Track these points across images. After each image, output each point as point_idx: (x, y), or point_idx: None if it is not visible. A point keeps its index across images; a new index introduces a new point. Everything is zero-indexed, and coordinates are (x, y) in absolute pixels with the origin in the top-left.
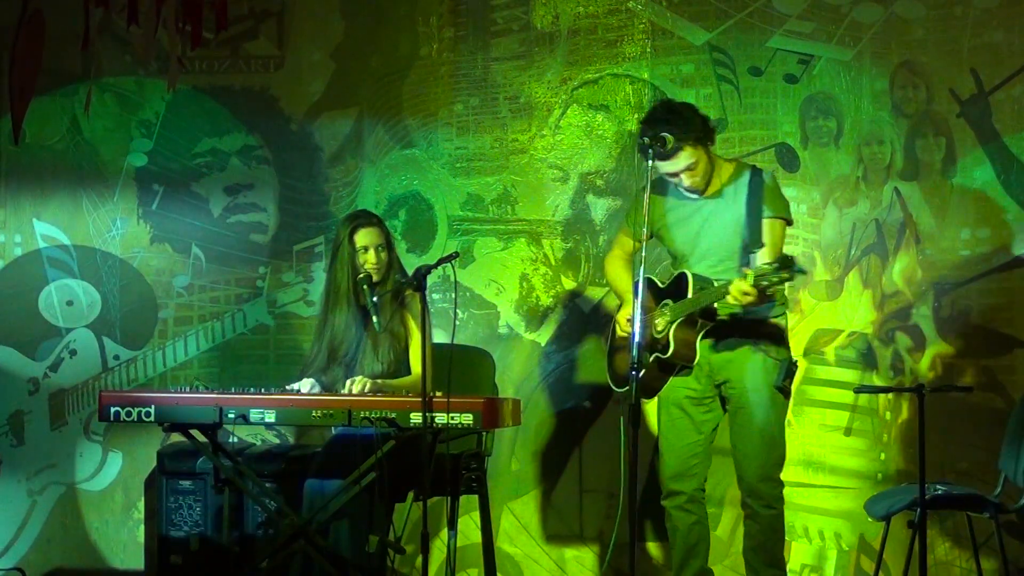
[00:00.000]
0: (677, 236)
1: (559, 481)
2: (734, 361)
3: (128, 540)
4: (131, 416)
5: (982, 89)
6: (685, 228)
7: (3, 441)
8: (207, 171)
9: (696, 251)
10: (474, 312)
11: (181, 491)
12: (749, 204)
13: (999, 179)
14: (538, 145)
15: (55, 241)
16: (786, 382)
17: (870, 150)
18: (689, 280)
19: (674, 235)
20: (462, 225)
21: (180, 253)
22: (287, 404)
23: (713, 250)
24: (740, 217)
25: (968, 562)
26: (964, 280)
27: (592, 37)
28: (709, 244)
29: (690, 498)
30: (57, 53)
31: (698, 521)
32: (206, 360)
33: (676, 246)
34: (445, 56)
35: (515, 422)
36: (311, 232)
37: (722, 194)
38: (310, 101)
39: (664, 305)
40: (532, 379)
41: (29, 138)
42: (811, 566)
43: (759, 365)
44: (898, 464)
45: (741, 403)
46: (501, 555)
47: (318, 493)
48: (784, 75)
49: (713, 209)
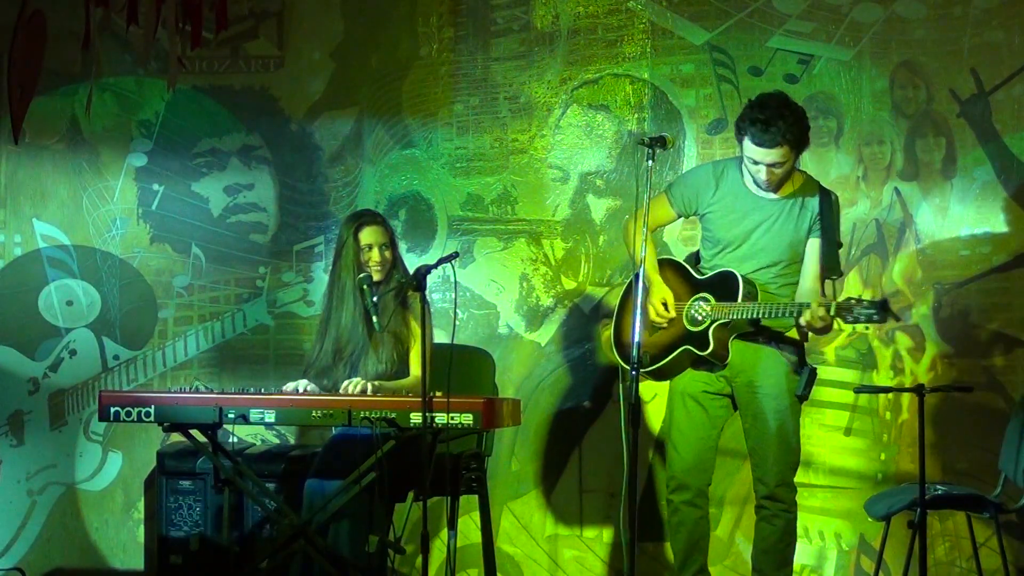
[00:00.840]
0: (727, 224)
1: (559, 481)
2: (757, 365)
3: (128, 540)
4: (131, 416)
5: (982, 89)
6: (740, 219)
7: (3, 441)
8: (207, 171)
9: (744, 246)
10: (474, 312)
11: (181, 491)
12: (824, 226)
13: (999, 179)
14: (538, 145)
15: (55, 241)
16: (807, 391)
17: (870, 150)
18: (739, 282)
19: (724, 222)
20: (462, 225)
21: (180, 253)
22: (287, 404)
23: (764, 252)
24: (802, 232)
25: (968, 562)
26: (964, 280)
27: (592, 37)
28: (761, 245)
29: (699, 492)
30: (57, 53)
31: (703, 516)
32: (206, 360)
33: (721, 233)
34: (445, 56)
35: (515, 422)
36: (311, 232)
37: (791, 201)
38: (310, 101)
39: (702, 298)
40: (532, 379)
41: (29, 138)
42: (811, 566)
43: (783, 371)
44: (898, 464)
45: (761, 407)
46: (501, 555)
47: (318, 493)
48: (784, 75)
49: (777, 212)
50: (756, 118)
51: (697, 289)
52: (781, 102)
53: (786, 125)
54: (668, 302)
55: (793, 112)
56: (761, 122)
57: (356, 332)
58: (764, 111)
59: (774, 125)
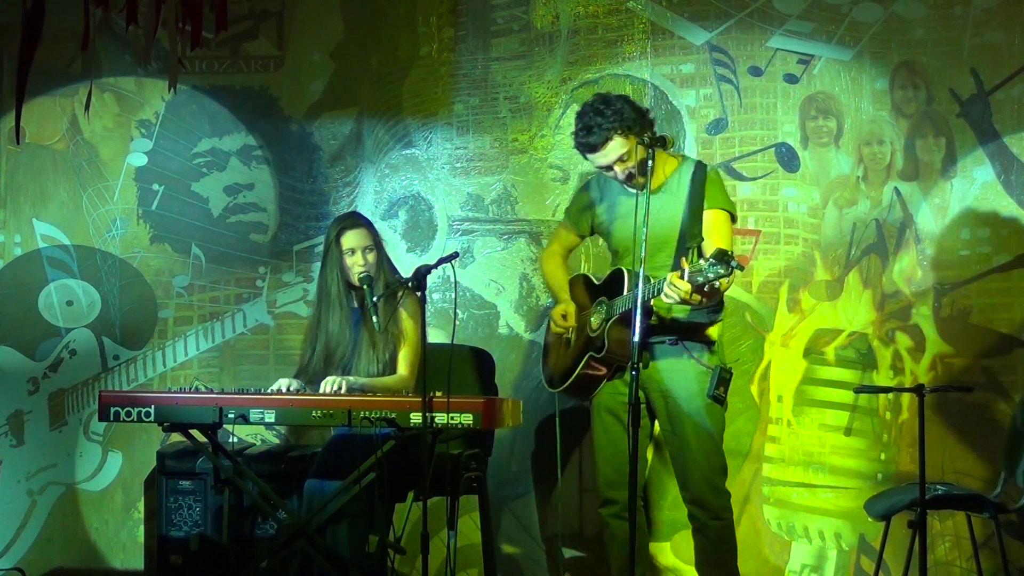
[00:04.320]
0: (617, 232)
1: (559, 481)
2: (664, 369)
3: (128, 540)
4: (131, 416)
5: (982, 89)
6: (626, 224)
7: (3, 441)
8: (207, 171)
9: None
10: (474, 312)
11: (181, 491)
12: (690, 196)
13: (999, 179)
14: (538, 145)
15: (55, 241)
16: (719, 391)
17: (870, 150)
18: (625, 276)
19: (614, 231)
20: (462, 225)
21: (180, 253)
22: (287, 404)
23: (654, 245)
24: (680, 210)
25: (968, 562)
26: (964, 280)
27: (592, 37)
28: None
29: (625, 506)
30: (57, 53)
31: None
32: (206, 360)
33: (616, 243)
34: (445, 56)
35: (515, 422)
36: (311, 232)
37: (664, 188)
38: (310, 101)
39: (599, 303)
40: (532, 379)
41: (29, 138)
42: (811, 566)
43: (691, 373)
44: (898, 464)
45: (674, 411)
46: (501, 555)
47: (318, 493)
48: (784, 75)
49: (654, 204)
50: (577, 130)
51: (596, 295)
52: (595, 101)
53: (604, 119)
54: (568, 313)
55: (610, 104)
56: (582, 131)
57: (344, 336)
58: (581, 119)
59: (594, 125)
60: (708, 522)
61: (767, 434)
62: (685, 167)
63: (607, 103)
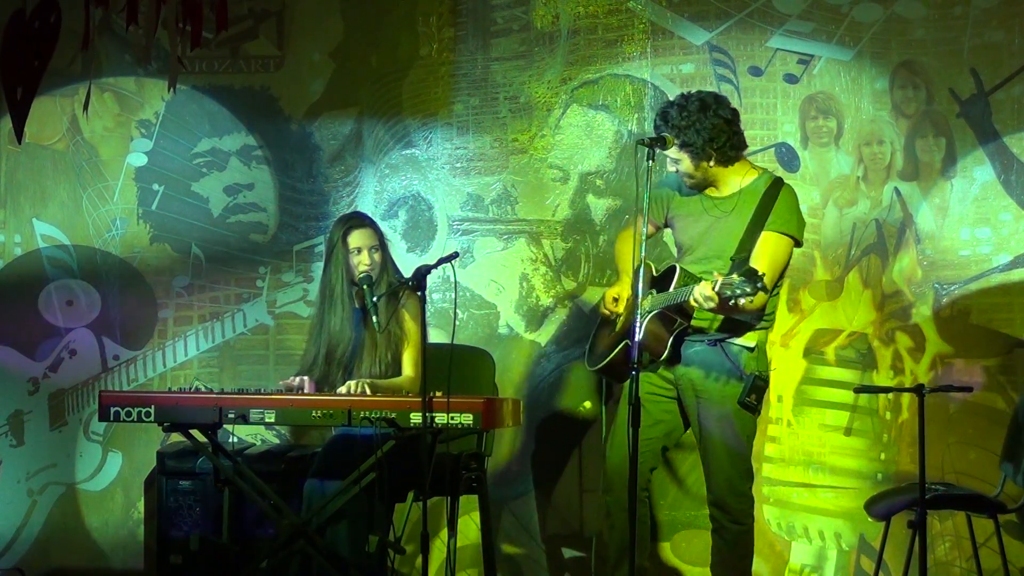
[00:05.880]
0: (685, 230)
1: (559, 481)
2: (700, 367)
3: (128, 540)
4: (131, 416)
5: (982, 89)
6: (694, 223)
7: (3, 441)
8: (207, 171)
9: (698, 249)
10: (474, 312)
11: (181, 491)
12: (756, 212)
13: (999, 179)
14: (538, 145)
15: (55, 241)
16: (750, 398)
17: (870, 150)
18: (676, 273)
19: (682, 228)
20: (462, 225)
21: (180, 253)
22: (287, 404)
23: (713, 252)
24: (743, 225)
25: (968, 562)
26: (964, 280)
27: (592, 37)
28: (711, 246)
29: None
30: (57, 53)
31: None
32: (206, 360)
33: (682, 240)
34: (445, 56)
35: (515, 422)
36: (311, 232)
37: (734, 198)
38: (310, 101)
39: (648, 295)
40: (532, 379)
41: (29, 138)
42: (811, 566)
43: (725, 376)
44: (898, 464)
45: (705, 415)
46: (501, 555)
47: (318, 493)
48: (784, 75)
49: (726, 211)
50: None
51: (652, 286)
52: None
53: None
54: (619, 297)
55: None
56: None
57: (347, 335)
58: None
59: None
60: (727, 525)
61: (767, 434)
62: (761, 181)
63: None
